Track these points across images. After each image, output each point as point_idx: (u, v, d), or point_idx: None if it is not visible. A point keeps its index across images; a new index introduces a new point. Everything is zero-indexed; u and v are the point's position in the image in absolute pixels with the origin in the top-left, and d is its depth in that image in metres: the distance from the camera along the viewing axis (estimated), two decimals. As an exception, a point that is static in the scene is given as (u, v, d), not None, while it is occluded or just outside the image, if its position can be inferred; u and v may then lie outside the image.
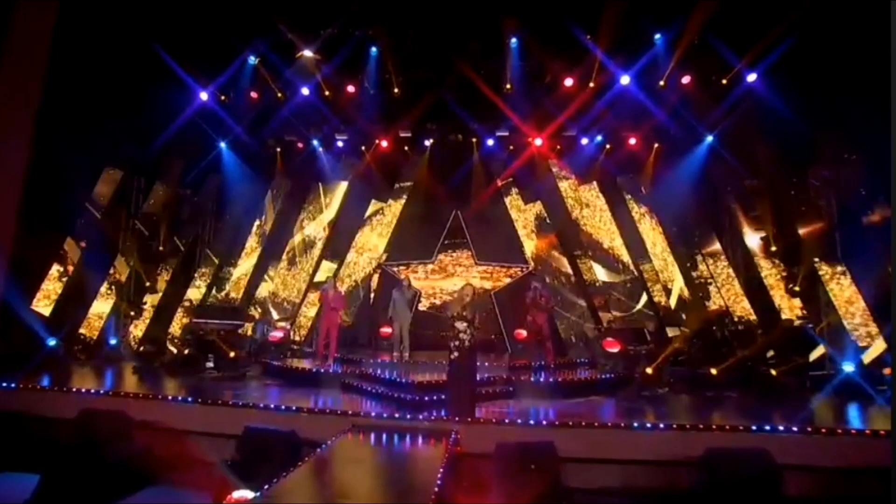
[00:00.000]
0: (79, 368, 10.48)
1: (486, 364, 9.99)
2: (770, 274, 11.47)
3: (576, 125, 13.96)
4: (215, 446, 6.88)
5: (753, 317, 11.59)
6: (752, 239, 11.98)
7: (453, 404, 7.66)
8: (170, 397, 7.61)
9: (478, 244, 14.92)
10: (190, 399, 7.55)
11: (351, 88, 13.13)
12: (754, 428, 6.32)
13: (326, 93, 13.12)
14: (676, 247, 13.33)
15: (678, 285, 13.01)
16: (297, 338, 12.76)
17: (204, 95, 12.77)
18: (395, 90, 12.97)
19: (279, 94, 13.16)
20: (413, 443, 6.86)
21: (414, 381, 8.24)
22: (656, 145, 14.36)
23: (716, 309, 11.90)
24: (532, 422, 7.01)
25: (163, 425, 7.21)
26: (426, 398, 7.89)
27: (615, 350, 10.26)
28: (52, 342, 10.76)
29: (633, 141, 14.28)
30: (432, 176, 14.96)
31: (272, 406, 7.41)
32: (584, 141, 14.59)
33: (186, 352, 10.24)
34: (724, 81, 11.90)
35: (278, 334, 11.64)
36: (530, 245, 14.79)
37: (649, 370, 9.11)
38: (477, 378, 7.95)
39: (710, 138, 13.23)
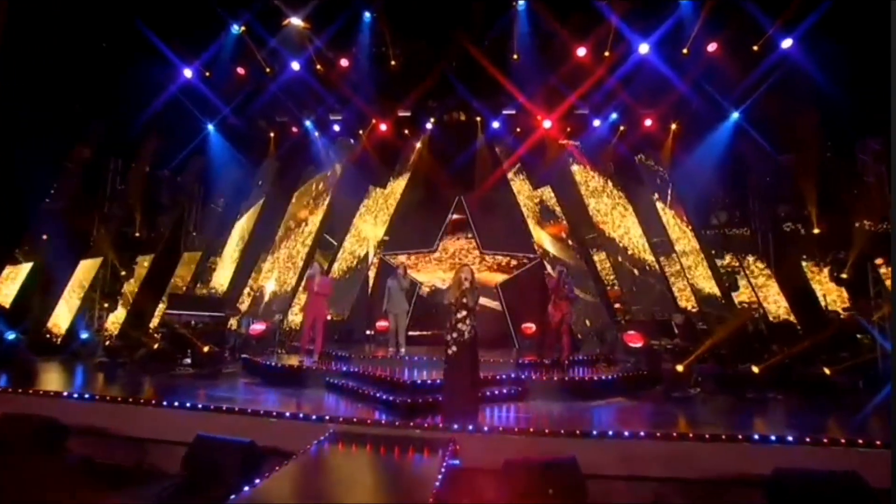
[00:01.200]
0: (37, 365, 9.18)
1: (491, 361, 8.61)
2: (811, 261, 9.99)
3: (588, 103, 12.57)
4: (164, 456, 5.58)
5: (786, 307, 10.14)
6: (788, 222, 10.50)
7: (451, 408, 6.29)
8: (108, 398, 6.28)
9: (483, 232, 13.56)
10: (130, 400, 6.22)
11: (344, 62, 11.78)
12: (843, 441, 4.86)
13: (318, 67, 11.79)
14: (700, 233, 11.89)
15: (702, 275, 11.57)
16: (285, 330, 11.39)
17: (188, 72, 11.50)
18: (392, 63, 11.61)
19: (267, 70, 11.84)
20: (402, 455, 5.53)
21: (406, 381, 6.88)
22: (674, 126, 12.96)
23: (749, 301, 10.43)
24: (547, 431, 5.61)
25: (104, 431, 5.90)
26: (420, 400, 6.52)
27: (638, 345, 8.85)
28: (10, 336, 9.48)
29: (648, 122, 12.87)
30: (434, 159, 13.66)
31: (235, 409, 6.06)
32: (597, 122, 13.19)
33: (156, 346, 8.93)
34: (756, 48, 10.44)
35: (259, 327, 10.31)
36: (539, 233, 13.40)
37: (680, 368, 7.67)
38: (479, 377, 6.58)
39: (735, 115, 11.84)
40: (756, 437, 5.10)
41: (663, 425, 6.13)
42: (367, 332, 12.11)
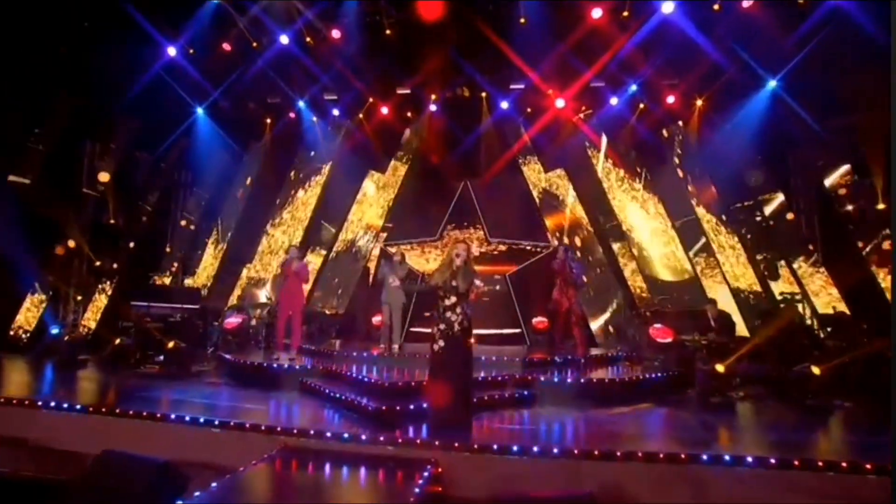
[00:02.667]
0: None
1: (494, 359, 7.19)
2: (871, 242, 8.34)
3: (604, 76, 11.04)
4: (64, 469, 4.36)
5: (837, 297, 8.51)
6: (842, 199, 8.85)
7: (436, 417, 4.94)
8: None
9: (490, 219, 12.16)
10: (27, 402, 4.99)
11: (336, 33, 10.45)
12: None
13: (308, 39, 10.51)
14: (733, 217, 10.30)
15: (736, 261, 9.98)
16: (270, 324, 10.09)
17: (172, 50, 10.34)
18: (387, 31, 10.26)
19: (254, 44, 10.60)
20: (367, 478, 4.22)
21: (382, 383, 5.53)
22: (700, 101, 11.36)
23: (791, 292, 8.81)
24: (557, 450, 4.19)
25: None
26: (398, 408, 5.16)
27: (666, 341, 7.34)
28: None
29: (671, 99, 11.29)
30: (437, 142, 12.30)
31: (158, 416, 4.77)
32: (615, 100, 11.65)
33: (117, 342, 7.73)
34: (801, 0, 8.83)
35: (234, 320, 9.05)
36: (552, 220, 11.94)
37: (720, 367, 6.14)
38: (472, 378, 5.19)
39: (772, 83, 10.21)
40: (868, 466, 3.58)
41: (709, 441, 4.65)
42: (367, 328, 10.82)
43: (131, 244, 10.41)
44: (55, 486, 4.34)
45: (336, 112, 12.09)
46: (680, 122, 11.35)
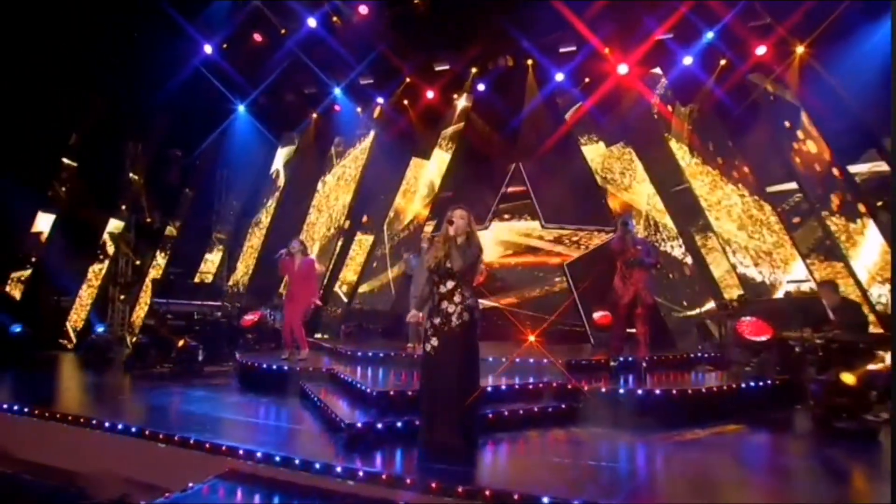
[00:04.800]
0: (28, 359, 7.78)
1: (532, 361, 5.63)
2: None
3: (674, 28, 9.03)
4: None
5: None
6: None
7: (427, 437, 3.57)
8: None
9: (545, 203, 10.49)
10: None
11: (363, 9, 9.37)
12: None
13: (335, 20, 9.52)
14: (851, 178, 7.89)
15: (853, 236, 7.59)
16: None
17: (208, 48, 9.86)
18: (416, 1, 8.99)
19: (283, 31, 9.80)
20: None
21: (368, 391, 4.22)
22: (800, 49, 8.93)
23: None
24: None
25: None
26: (378, 425, 3.82)
27: (762, 339, 5.37)
28: (16, 329, 8.19)
29: (762, 49, 8.97)
30: (483, 121, 10.91)
31: (96, 423, 3.81)
32: (688, 59, 9.52)
33: (133, 340, 7.12)
34: None
35: (251, 317, 8.17)
36: (616, 201, 10.04)
37: (849, 377, 4.13)
38: (478, 386, 3.74)
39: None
40: None
41: (842, 496, 2.84)
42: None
43: (168, 242, 9.99)
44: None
45: (375, 99, 11.06)
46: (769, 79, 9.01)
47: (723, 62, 9.42)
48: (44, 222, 8.97)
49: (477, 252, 3.80)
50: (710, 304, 8.17)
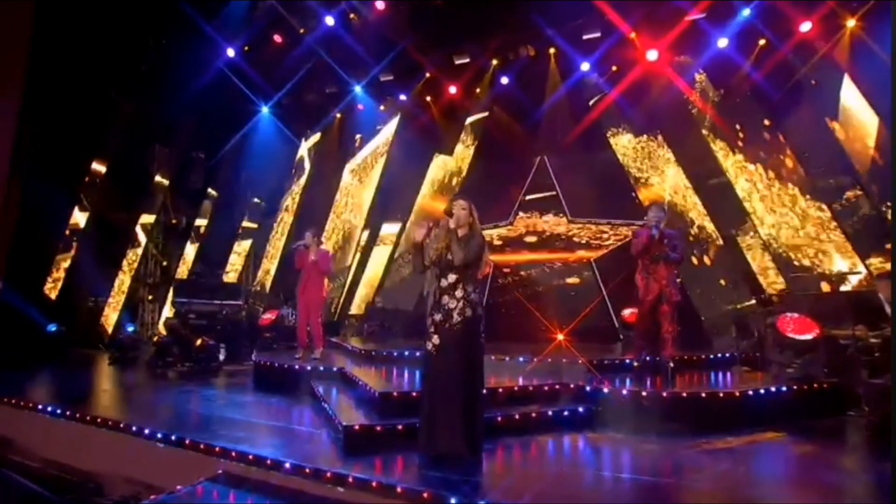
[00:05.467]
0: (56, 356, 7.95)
1: (550, 360, 5.27)
2: None
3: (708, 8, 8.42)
4: None
5: None
6: None
7: (428, 443, 3.31)
8: None
9: (572, 196, 10.03)
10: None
11: (380, 5, 9.20)
12: None
13: (352, 17, 9.38)
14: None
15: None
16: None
17: (231, 52, 9.94)
18: (433, -9, 8.76)
19: (301, 31, 9.74)
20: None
21: (373, 392, 3.99)
22: (853, 21, 8.15)
23: None
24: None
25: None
26: (378, 428, 3.58)
27: (807, 337, 4.83)
28: (51, 328, 8.44)
29: (806, 26, 8.25)
30: (505, 113, 10.53)
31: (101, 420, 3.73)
32: (723, 41, 8.88)
33: (155, 339, 7.17)
34: None
35: (269, 316, 8.09)
36: (646, 193, 9.51)
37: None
38: (482, 390, 3.46)
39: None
40: None
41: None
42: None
43: (197, 245, 10.08)
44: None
45: (397, 95, 10.88)
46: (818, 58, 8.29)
47: (762, 42, 8.76)
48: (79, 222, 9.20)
49: (480, 244, 3.51)
50: (750, 300, 7.55)
